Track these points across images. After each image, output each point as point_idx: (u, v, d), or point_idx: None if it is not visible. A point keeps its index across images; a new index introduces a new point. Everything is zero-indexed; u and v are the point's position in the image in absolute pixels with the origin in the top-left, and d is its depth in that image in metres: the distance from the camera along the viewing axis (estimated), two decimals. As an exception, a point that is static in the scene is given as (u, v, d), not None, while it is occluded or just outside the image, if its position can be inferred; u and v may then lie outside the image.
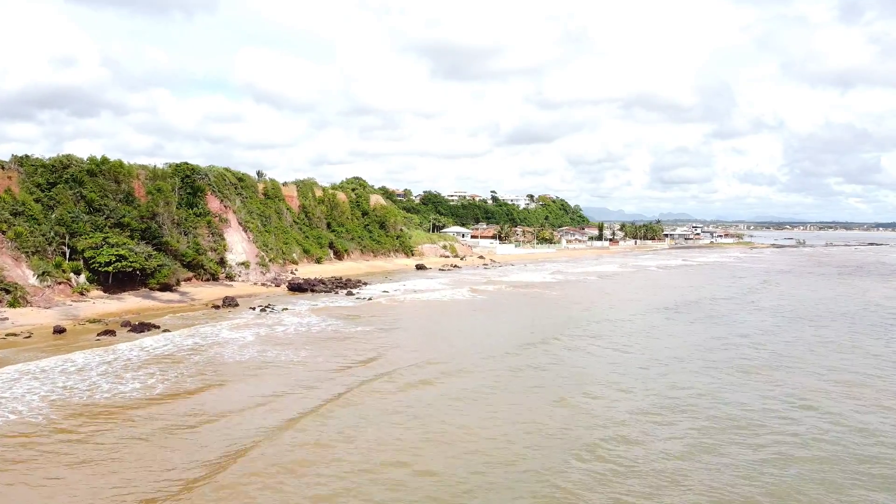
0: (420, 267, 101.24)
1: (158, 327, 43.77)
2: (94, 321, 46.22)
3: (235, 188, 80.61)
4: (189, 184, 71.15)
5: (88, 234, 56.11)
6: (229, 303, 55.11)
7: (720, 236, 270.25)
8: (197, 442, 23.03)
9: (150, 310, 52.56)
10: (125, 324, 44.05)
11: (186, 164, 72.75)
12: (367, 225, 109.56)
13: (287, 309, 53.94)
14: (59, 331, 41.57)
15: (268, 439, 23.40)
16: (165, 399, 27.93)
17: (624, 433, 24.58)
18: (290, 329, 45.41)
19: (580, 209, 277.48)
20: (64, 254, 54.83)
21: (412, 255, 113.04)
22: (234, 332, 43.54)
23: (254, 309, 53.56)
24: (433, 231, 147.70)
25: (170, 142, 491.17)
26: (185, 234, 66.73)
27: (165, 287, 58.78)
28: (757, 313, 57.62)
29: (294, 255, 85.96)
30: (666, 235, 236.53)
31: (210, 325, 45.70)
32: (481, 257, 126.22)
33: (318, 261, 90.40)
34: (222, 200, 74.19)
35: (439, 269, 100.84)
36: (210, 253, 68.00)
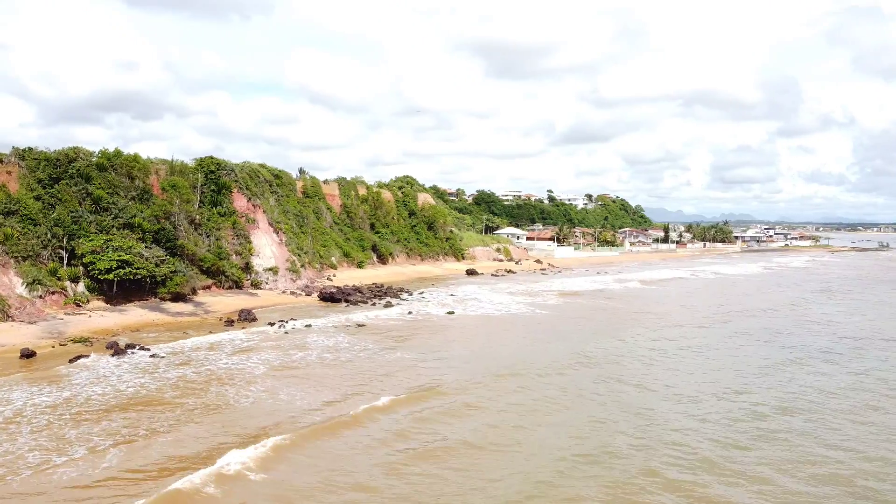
0: (471, 272, 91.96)
1: (148, 350, 35.90)
2: (80, 340, 38.61)
3: (270, 186, 73.07)
4: (213, 180, 63.57)
5: (90, 237, 48.94)
6: (245, 317, 47.06)
7: (794, 238, 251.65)
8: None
9: (153, 325, 44.93)
10: (110, 345, 36.21)
11: (211, 158, 65.19)
12: (415, 226, 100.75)
13: (311, 325, 45.52)
14: (27, 355, 34.01)
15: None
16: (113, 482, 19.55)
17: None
18: (311, 355, 36.89)
19: (641, 209, 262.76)
20: (61, 259, 47.76)
21: (463, 258, 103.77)
22: (241, 358, 35.27)
23: (273, 325, 45.26)
24: (486, 232, 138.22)
25: (229, 143, 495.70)
26: (206, 237, 59.14)
27: (178, 297, 51.21)
28: None
29: (333, 258, 77.98)
30: (736, 238, 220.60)
31: (214, 347, 37.59)
32: (538, 261, 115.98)
33: (360, 265, 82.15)
34: (250, 199, 66.38)
35: (492, 275, 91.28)
36: (234, 257, 60.27)
